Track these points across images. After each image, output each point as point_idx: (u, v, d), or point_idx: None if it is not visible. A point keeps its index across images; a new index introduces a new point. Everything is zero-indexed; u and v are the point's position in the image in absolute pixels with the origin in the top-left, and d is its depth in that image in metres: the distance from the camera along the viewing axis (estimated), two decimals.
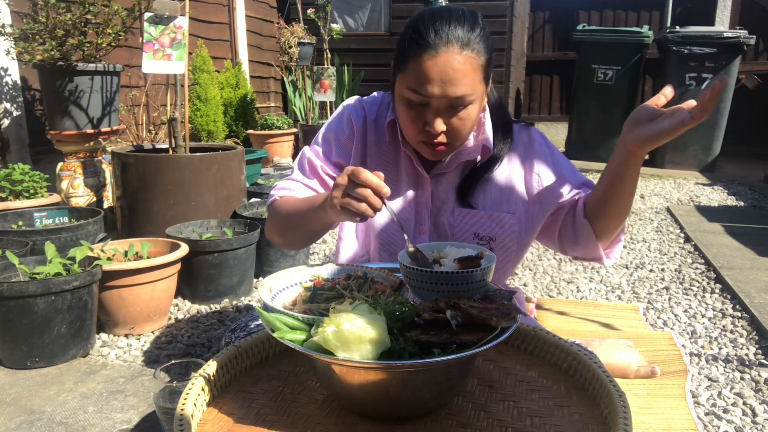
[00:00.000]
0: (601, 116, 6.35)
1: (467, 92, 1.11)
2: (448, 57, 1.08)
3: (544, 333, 0.99)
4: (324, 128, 1.37)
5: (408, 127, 1.19)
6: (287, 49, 5.89)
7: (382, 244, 1.33)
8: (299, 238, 1.25)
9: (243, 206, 2.96)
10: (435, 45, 1.08)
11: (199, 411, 0.80)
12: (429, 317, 0.79)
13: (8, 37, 2.99)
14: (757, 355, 2.09)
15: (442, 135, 1.15)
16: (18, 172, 2.86)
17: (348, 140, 1.33)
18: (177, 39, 2.79)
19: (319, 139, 1.35)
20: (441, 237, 1.31)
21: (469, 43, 1.09)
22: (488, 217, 1.30)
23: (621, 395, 0.78)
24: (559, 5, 8.24)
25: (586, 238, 1.25)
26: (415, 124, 1.16)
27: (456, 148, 1.22)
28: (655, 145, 1.03)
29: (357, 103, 1.37)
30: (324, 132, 1.36)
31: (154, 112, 4.45)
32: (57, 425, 1.63)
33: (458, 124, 1.15)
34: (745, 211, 4.41)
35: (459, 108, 1.13)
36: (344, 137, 1.33)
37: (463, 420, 0.80)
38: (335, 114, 1.38)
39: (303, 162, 1.34)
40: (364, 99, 1.38)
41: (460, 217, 1.30)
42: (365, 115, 1.34)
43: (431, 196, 1.31)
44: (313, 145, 1.36)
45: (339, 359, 0.72)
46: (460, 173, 1.31)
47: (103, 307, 2.16)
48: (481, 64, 1.13)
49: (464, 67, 1.09)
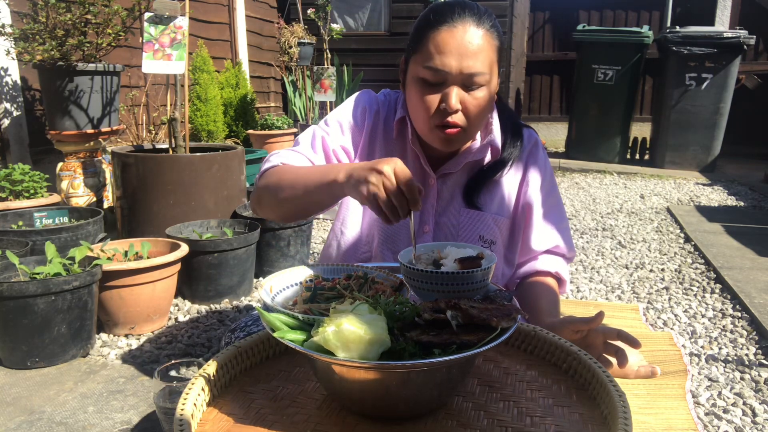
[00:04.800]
0: (601, 116, 6.35)
1: (482, 69, 1.11)
2: (465, 29, 1.11)
3: (544, 333, 0.99)
4: (336, 112, 1.32)
5: (421, 111, 1.16)
6: (287, 49, 5.90)
7: (386, 240, 1.32)
8: (299, 208, 1.16)
9: (243, 206, 2.96)
10: (452, 20, 1.11)
11: (199, 411, 0.80)
12: (429, 317, 0.79)
13: (8, 37, 2.99)
14: (757, 355, 2.09)
15: (457, 115, 1.13)
16: (18, 172, 2.86)
17: (358, 130, 1.31)
18: (177, 39, 2.79)
19: (330, 121, 1.31)
20: (445, 238, 1.29)
21: (484, 23, 1.12)
22: (493, 220, 1.30)
23: (621, 395, 0.78)
24: (559, 5, 8.24)
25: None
26: (429, 106, 1.14)
27: (468, 136, 1.20)
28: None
29: (372, 96, 1.35)
30: (336, 115, 1.31)
31: (154, 112, 4.45)
32: (57, 425, 1.63)
33: (472, 104, 1.13)
34: (745, 211, 4.41)
35: (473, 87, 1.13)
36: (356, 126, 1.31)
37: (463, 420, 0.80)
38: (349, 101, 1.34)
39: (312, 138, 1.28)
40: (378, 95, 1.36)
41: (467, 218, 1.29)
42: (378, 109, 1.33)
43: (437, 196, 1.30)
44: (323, 125, 1.31)
45: (339, 359, 0.72)
46: (466, 174, 1.31)
47: (103, 307, 2.16)
48: (496, 45, 1.15)
49: (480, 42, 1.11)
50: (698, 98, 5.87)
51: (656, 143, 6.28)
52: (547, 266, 1.35)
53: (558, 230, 1.37)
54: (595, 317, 1.02)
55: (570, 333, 1.05)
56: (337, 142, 1.28)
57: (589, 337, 1.04)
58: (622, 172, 6.09)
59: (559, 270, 1.35)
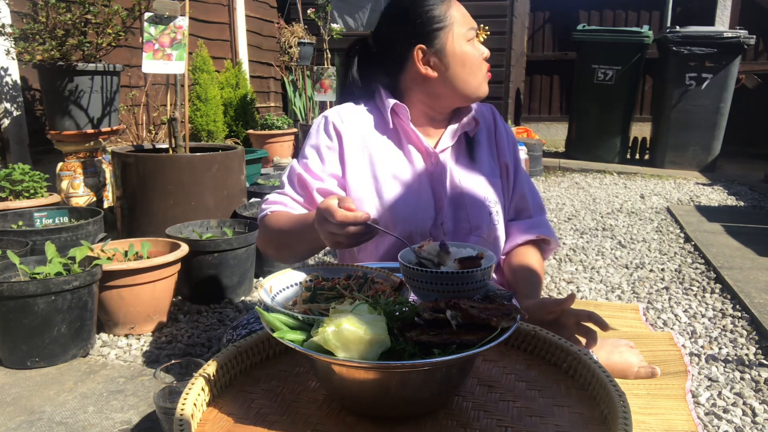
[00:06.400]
0: (601, 116, 6.35)
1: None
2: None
3: (544, 333, 0.99)
4: (306, 142, 1.38)
5: (477, 69, 1.32)
6: (287, 49, 5.90)
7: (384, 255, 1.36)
8: (294, 255, 1.27)
9: (243, 206, 2.96)
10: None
11: (199, 411, 0.80)
12: (429, 317, 0.78)
13: (8, 37, 2.99)
14: (757, 355, 2.09)
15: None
16: (18, 172, 2.86)
17: (336, 145, 1.34)
18: (177, 39, 2.79)
19: (306, 151, 1.36)
20: (458, 208, 1.36)
21: None
22: (491, 183, 1.40)
23: (621, 395, 0.78)
24: (559, 5, 8.24)
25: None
26: (480, 61, 1.32)
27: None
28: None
29: (333, 110, 1.40)
30: (309, 142, 1.37)
31: (154, 112, 4.45)
32: (57, 425, 1.63)
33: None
34: (745, 211, 4.41)
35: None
36: (331, 145, 1.34)
37: (463, 420, 0.80)
38: (313, 127, 1.39)
39: (292, 177, 1.34)
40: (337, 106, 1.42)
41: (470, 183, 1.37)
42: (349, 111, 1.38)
43: (443, 172, 1.36)
44: (301, 159, 1.36)
45: (339, 359, 0.72)
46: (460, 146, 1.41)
47: (103, 307, 2.16)
48: None
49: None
50: (698, 98, 5.86)
51: (656, 143, 6.28)
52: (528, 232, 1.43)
53: (530, 193, 1.48)
54: (566, 299, 1.12)
55: (544, 314, 1.14)
56: (317, 172, 1.33)
57: (561, 318, 1.13)
58: (622, 172, 6.09)
59: (540, 230, 1.43)
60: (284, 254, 1.29)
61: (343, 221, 0.94)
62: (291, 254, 1.27)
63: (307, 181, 1.31)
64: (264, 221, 1.30)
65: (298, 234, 1.18)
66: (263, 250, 1.35)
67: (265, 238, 1.30)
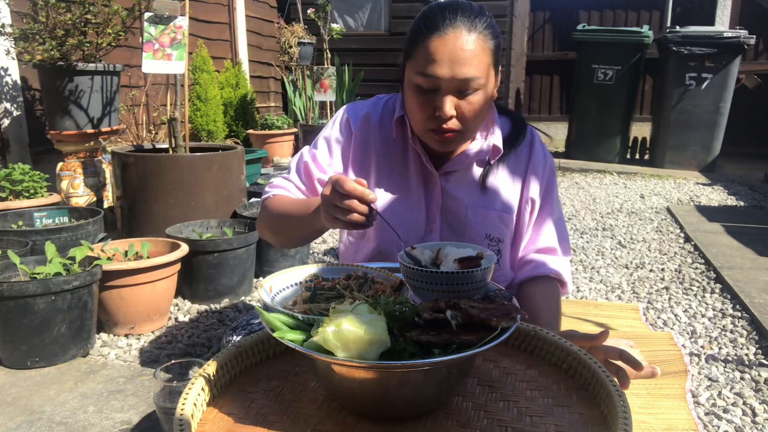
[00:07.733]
0: (601, 116, 6.35)
1: (476, 74, 1.11)
2: (456, 36, 1.10)
3: (544, 333, 0.99)
4: (324, 129, 1.37)
5: (417, 115, 1.17)
6: (287, 49, 5.90)
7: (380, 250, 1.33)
8: (292, 239, 1.27)
9: (243, 206, 2.96)
10: (443, 27, 1.10)
11: (199, 411, 0.80)
12: (429, 317, 0.78)
13: (8, 37, 2.99)
14: (757, 355, 2.09)
15: (451, 121, 1.14)
16: (18, 172, 2.86)
17: (346, 141, 1.33)
18: (177, 39, 2.79)
19: (318, 140, 1.35)
20: (452, 236, 1.30)
21: (476, 27, 1.11)
22: (499, 218, 1.30)
23: (621, 395, 0.78)
24: (559, 5, 8.24)
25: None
26: (424, 111, 1.15)
27: (465, 138, 1.21)
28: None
29: (357, 105, 1.37)
30: (324, 132, 1.36)
31: (154, 112, 4.45)
32: (57, 425, 1.63)
33: (468, 108, 1.14)
34: (745, 211, 4.41)
35: (468, 92, 1.12)
36: (342, 138, 1.33)
37: (463, 420, 0.80)
38: (333, 117, 1.38)
39: (300, 164, 1.33)
40: (366, 101, 1.38)
41: (473, 216, 1.29)
42: (368, 112, 1.34)
43: (441, 194, 1.30)
44: (311, 148, 1.35)
45: (339, 359, 0.72)
46: (470, 172, 1.31)
47: (103, 307, 2.16)
48: (490, 48, 1.13)
49: (473, 47, 1.10)
50: (698, 98, 5.86)
51: (656, 143, 6.28)
52: (546, 268, 1.33)
53: (557, 229, 1.37)
54: (599, 335, 1.02)
55: None
56: (323, 164, 1.31)
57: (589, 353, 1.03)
58: (622, 171, 6.08)
59: (559, 270, 1.33)
60: (281, 238, 1.28)
61: (351, 192, 0.91)
62: (287, 239, 1.27)
63: (312, 171, 1.30)
64: (266, 203, 1.29)
65: (298, 218, 1.17)
66: (261, 232, 1.34)
67: (265, 221, 1.29)
